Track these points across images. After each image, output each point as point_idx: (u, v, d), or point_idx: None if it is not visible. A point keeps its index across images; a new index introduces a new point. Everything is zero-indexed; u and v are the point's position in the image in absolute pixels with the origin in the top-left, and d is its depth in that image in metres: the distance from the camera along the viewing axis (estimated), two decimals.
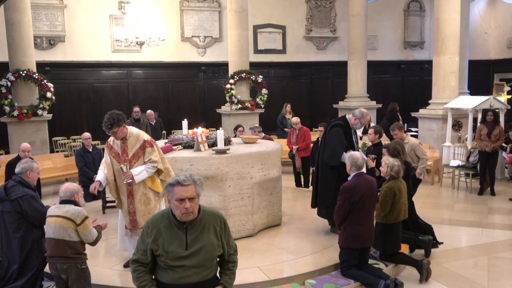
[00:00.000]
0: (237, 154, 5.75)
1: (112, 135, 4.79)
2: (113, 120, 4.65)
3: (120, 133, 4.74)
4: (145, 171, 4.75)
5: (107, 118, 4.65)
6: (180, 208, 2.68)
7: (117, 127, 4.69)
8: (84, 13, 13.47)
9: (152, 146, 4.85)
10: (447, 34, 10.44)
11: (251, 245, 5.61)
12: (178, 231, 2.76)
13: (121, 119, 4.70)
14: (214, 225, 2.86)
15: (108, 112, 4.69)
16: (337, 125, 5.81)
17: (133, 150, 4.82)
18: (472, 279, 5.05)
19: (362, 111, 5.84)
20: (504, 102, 10.71)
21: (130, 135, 4.85)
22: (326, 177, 5.79)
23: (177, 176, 2.74)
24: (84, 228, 3.95)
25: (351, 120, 5.84)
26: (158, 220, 2.81)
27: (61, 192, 4.08)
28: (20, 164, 4.55)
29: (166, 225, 2.77)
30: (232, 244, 3.02)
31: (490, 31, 18.14)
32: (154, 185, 4.85)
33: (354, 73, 13.87)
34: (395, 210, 4.98)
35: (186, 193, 2.68)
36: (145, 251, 2.80)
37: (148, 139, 4.86)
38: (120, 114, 4.74)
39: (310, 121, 15.50)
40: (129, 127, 4.94)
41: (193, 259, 2.76)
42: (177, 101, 14.80)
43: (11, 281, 4.39)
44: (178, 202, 2.68)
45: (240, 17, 12.34)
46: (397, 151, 5.51)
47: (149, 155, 4.79)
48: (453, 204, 8.05)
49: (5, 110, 10.43)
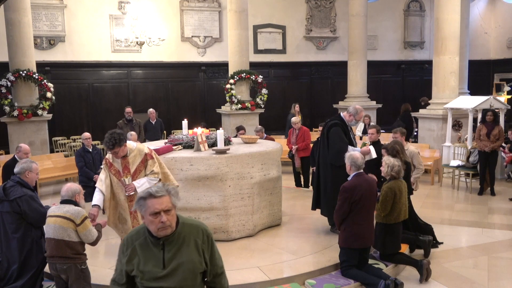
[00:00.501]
0: (237, 154, 5.75)
1: (113, 154, 4.77)
2: (115, 141, 4.64)
3: (121, 152, 4.75)
4: (147, 183, 4.74)
5: (109, 138, 4.63)
6: (156, 223, 2.39)
7: (119, 147, 4.69)
8: (84, 13, 13.47)
9: (153, 157, 4.88)
10: (447, 34, 10.44)
11: (251, 245, 5.61)
12: (154, 249, 2.47)
13: (122, 139, 4.70)
14: (196, 239, 2.51)
15: (109, 132, 4.68)
16: (334, 125, 5.86)
17: (135, 165, 4.83)
18: (472, 279, 5.04)
19: (356, 107, 5.90)
20: (504, 102, 10.71)
21: (131, 152, 4.86)
22: (335, 178, 5.74)
23: (148, 188, 2.47)
24: (84, 228, 3.95)
25: (346, 117, 5.90)
26: (133, 238, 2.53)
27: (63, 191, 4.09)
28: (19, 164, 4.55)
29: (142, 243, 2.49)
30: (219, 264, 2.62)
31: (490, 31, 18.14)
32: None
33: (354, 73, 13.87)
34: (396, 210, 4.98)
35: (160, 205, 2.39)
36: (121, 271, 2.58)
37: (148, 152, 4.88)
38: (121, 133, 4.74)
39: (310, 121, 15.50)
40: (128, 142, 4.92)
41: (171, 279, 2.45)
42: (177, 101, 14.80)
43: (11, 281, 4.40)
44: (152, 216, 2.39)
45: (240, 17, 12.34)
46: (396, 150, 5.51)
47: (150, 167, 4.83)
48: (453, 204, 8.05)
49: (5, 110, 10.43)
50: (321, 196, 5.97)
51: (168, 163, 5.61)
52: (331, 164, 5.78)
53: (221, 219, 5.69)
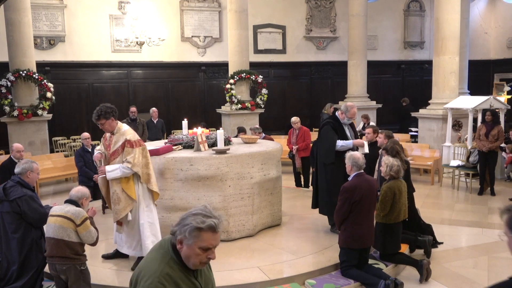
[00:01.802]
0: (237, 154, 5.75)
1: (100, 126, 4.80)
2: (101, 112, 4.70)
3: (107, 126, 4.77)
4: (118, 170, 4.70)
5: (96, 109, 4.71)
6: (202, 258, 2.11)
7: (104, 119, 4.71)
8: (84, 13, 13.46)
9: (133, 147, 4.75)
10: (447, 34, 10.44)
11: (251, 245, 5.61)
12: (192, 279, 2.19)
13: (109, 112, 4.70)
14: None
15: (101, 104, 4.75)
16: (326, 123, 5.97)
17: (115, 146, 4.81)
18: (472, 279, 5.05)
19: (347, 104, 5.93)
20: (504, 102, 10.70)
21: (117, 131, 4.84)
22: (327, 176, 5.83)
23: (209, 219, 2.10)
24: (84, 229, 3.95)
25: (340, 115, 5.95)
26: (171, 276, 2.11)
27: (72, 191, 4.13)
28: (20, 164, 4.55)
29: (182, 277, 2.14)
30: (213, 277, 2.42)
31: (490, 31, 18.14)
32: (127, 187, 4.75)
33: (354, 73, 13.87)
34: (395, 210, 4.98)
35: (216, 241, 2.12)
36: None
37: (130, 139, 4.77)
38: (110, 107, 4.75)
39: (310, 121, 15.50)
40: (123, 125, 4.93)
41: None
42: (177, 101, 14.80)
43: (11, 282, 4.40)
44: (201, 250, 2.09)
45: (240, 17, 12.34)
46: (396, 150, 5.51)
47: (126, 154, 4.73)
48: (453, 204, 8.05)
49: (5, 110, 10.43)
50: (319, 195, 6.01)
51: (168, 163, 5.62)
52: (323, 162, 5.86)
53: None
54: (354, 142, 5.79)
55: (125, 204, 4.76)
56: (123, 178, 4.74)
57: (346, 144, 5.75)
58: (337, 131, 5.86)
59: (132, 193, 4.76)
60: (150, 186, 4.89)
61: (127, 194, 4.75)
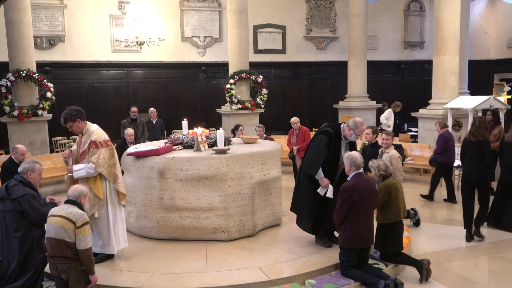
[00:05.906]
0: (237, 154, 5.75)
1: (69, 129, 4.95)
2: (67, 116, 4.84)
3: (75, 128, 4.91)
4: (84, 170, 4.83)
5: (63, 113, 4.84)
6: None
7: (71, 122, 4.85)
8: (84, 13, 13.47)
9: (97, 147, 4.87)
10: (447, 34, 10.43)
11: (251, 245, 5.61)
12: None
13: (74, 115, 4.84)
14: None
15: (67, 107, 4.88)
16: (323, 132, 5.40)
17: (84, 147, 4.95)
18: (472, 279, 5.05)
19: (356, 120, 5.28)
20: (504, 102, 10.69)
21: (86, 132, 4.98)
22: (304, 185, 5.52)
23: None
24: (81, 233, 3.91)
25: (345, 130, 5.33)
26: None
27: (70, 191, 4.13)
28: (23, 164, 4.59)
29: None
30: None
31: (490, 31, 18.14)
32: (95, 186, 4.88)
33: (354, 73, 13.87)
34: (395, 208, 4.99)
35: None
36: None
37: (95, 140, 4.89)
38: (75, 110, 4.88)
39: (310, 121, 15.50)
40: (92, 125, 5.04)
41: None
42: (177, 101, 14.80)
43: (11, 281, 4.40)
44: None
45: (240, 17, 12.34)
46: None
47: (92, 155, 4.87)
48: (453, 204, 8.04)
49: (5, 110, 10.43)
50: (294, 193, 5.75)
51: (168, 163, 5.62)
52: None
53: (221, 219, 5.69)
54: (320, 180, 5.26)
55: (92, 203, 4.84)
56: (91, 178, 4.87)
57: (318, 176, 5.28)
58: (331, 147, 5.29)
59: (99, 192, 4.89)
60: (117, 186, 5.02)
61: (94, 193, 4.85)
